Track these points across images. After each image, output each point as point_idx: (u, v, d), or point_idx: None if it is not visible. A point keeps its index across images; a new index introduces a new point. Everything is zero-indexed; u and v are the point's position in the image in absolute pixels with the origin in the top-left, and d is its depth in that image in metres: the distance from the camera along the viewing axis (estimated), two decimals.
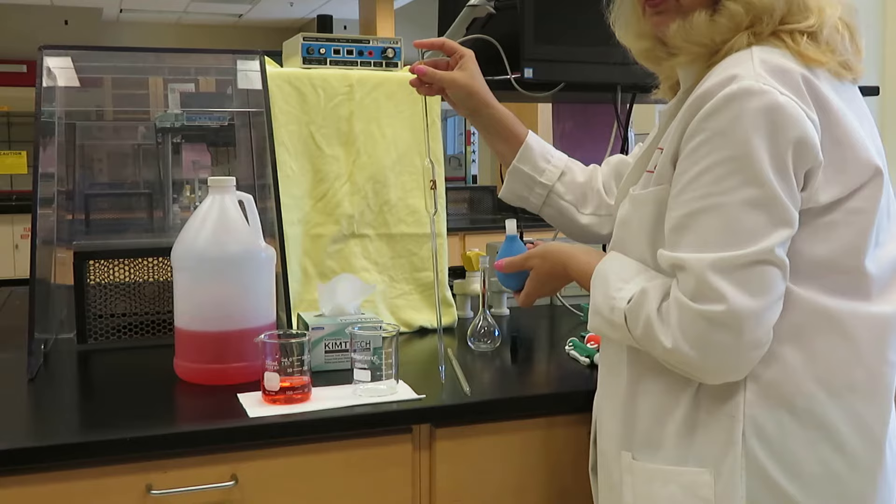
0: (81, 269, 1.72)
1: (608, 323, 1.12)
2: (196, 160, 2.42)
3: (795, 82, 1.01)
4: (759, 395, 1.04)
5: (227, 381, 1.44)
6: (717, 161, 1.00)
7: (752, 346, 1.01)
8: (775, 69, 1.01)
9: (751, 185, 0.99)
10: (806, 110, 1.00)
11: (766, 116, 0.98)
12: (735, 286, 0.98)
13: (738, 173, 0.99)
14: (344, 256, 1.85)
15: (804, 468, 1.04)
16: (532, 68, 1.80)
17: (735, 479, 1.05)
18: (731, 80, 1.00)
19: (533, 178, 1.45)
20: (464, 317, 1.98)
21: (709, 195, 1.00)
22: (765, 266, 0.99)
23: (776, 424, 1.04)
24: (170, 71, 2.07)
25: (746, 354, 1.01)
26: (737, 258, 0.98)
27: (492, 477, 1.40)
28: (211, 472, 1.26)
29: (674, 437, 1.10)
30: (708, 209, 1.01)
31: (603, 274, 1.15)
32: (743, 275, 0.98)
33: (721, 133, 1.00)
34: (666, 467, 1.10)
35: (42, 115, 1.62)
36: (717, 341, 1.00)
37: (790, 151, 0.99)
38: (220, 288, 1.48)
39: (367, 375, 1.37)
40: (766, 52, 1.04)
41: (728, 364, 1.02)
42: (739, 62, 1.03)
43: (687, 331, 1.01)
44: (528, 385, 1.50)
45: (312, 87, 1.81)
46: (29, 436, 1.26)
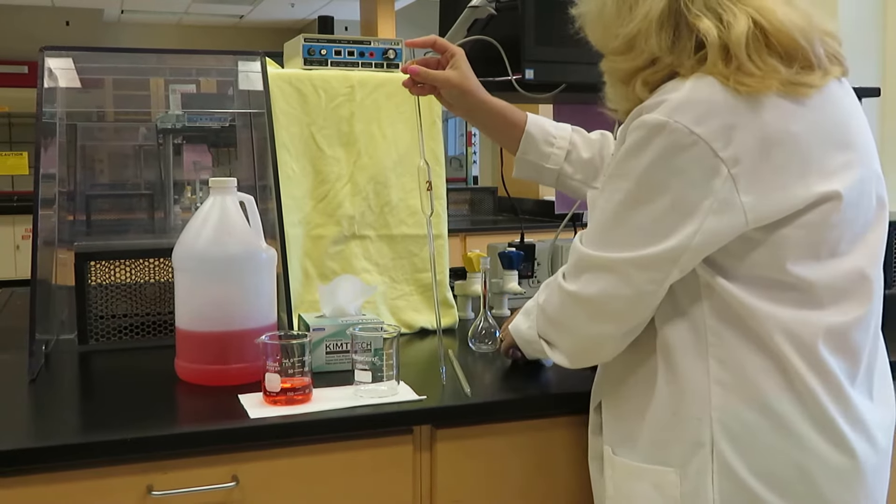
0: (82, 270, 1.72)
1: (526, 313, 1.31)
2: (197, 161, 2.43)
3: (717, 115, 1.01)
4: (724, 398, 1.06)
5: (228, 382, 1.44)
6: (617, 174, 1.08)
7: (589, 329, 1.15)
8: (697, 102, 1.02)
9: (628, 207, 1.07)
10: (717, 148, 1.00)
11: (668, 155, 1.02)
12: (577, 274, 1.13)
13: (624, 192, 1.08)
14: (345, 257, 1.85)
15: (776, 470, 1.05)
16: (533, 69, 1.80)
17: (704, 480, 1.06)
18: (655, 106, 1.04)
19: (540, 165, 1.48)
20: (465, 318, 1.98)
21: (605, 200, 1.11)
22: (603, 272, 1.10)
23: (744, 427, 1.05)
24: (171, 72, 2.07)
25: (580, 335, 1.18)
26: (593, 258, 1.12)
27: (493, 478, 1.40)
28: (212, 472, 1.26)
29: (647, 436, 1.13)
30: (600, 210, 1.12)
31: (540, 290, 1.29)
32: (586, 269, 1.12)
33: (626, 152, 1.07)
34: (640, 464, 1.13)
35: (43, 116, 1.62)
36: (562, 309, 1.18)
37: (680, 189, 1.02)
38: (220, 289, 1.48)
39: (367, 376, 1.37)
40: (698, 82, 1.03)
41: (566, 337, 1.20)
42: (673, 89, 1.05)
43: (550, 297, 1.20)
44: (529, 386, 1.50)
45: (313, 88, 1.81)
46: (30, 436, 1.26)
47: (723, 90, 1.02)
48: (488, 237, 3.99)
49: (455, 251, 2.05)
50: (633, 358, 1.15)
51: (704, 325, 1.07)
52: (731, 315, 1.06)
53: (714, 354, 1.07)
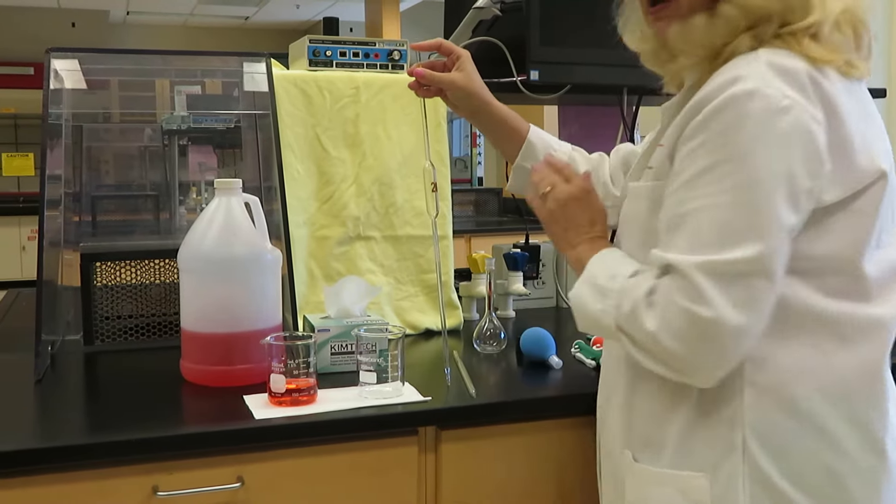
0: (88, 271, 1.73)
1: (600, 291, 1.08)
2: (202, 162, 2.43)
3: (802, 83, 1.00)
4: (757, 400, 1.04)
5: (234, 383, 1.45)
6: (715, 162, 0.99)
7: (728, 356, 1.00)
8: (782, 70, 1.00)
9: (748, 189, 0.97)
10: (812, 112, 0.99)
11: (768, 121, 0.97)
12: (723, 294, 0.96)
13: (735, 175, 0.97)
14: (350, 258, 1.85)
15: (806, 473, 1.04)
16: (538, 70, 1.80)
17: (735, 484, 1.04)
18: (734, 81, 0.99)
19: None
20: (469, 319, 1.98)
21: (705, 196, 0.99)
22: (752, 278, 0.97)
23: (776, 429, 1.03)
24: (176, 73, 2.08)
25: (723, 361, 1.00)
26: (726, 264, 0.96)
27: (497, 479, 1.40)
28: (217, 473, 1.26)
29: (673, 441, 1.09)
30: (702, 210, 0.99)
31: (606, 255, 1.14)
32: (731, 284, 0.96)
33: (722, 134, 0.99)
34: (664, 470, 1.10)
35: (49, 117, 1.63)
36: (699, 343, 0.98)
37: (797, 157, 0.98)
38: (226, 290, 1.48)
39: (372, 377, 1.37)
40: (773, 53, 1.02)
41: (703, 366, 1.00)
42: (745, 63, 1.02)
43: (672, 324, 0.98)
44: (534, 387, 1.50)
45: (318, 90, 1.81)
46: (35, 437, 1.26)
47: (797, 59, 1.01)
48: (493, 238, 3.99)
49: (460, 252, 2.05)
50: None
51: None
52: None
53: (749, 355, 1.03)
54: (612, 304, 1.06)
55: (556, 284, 2.14)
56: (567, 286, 2.12)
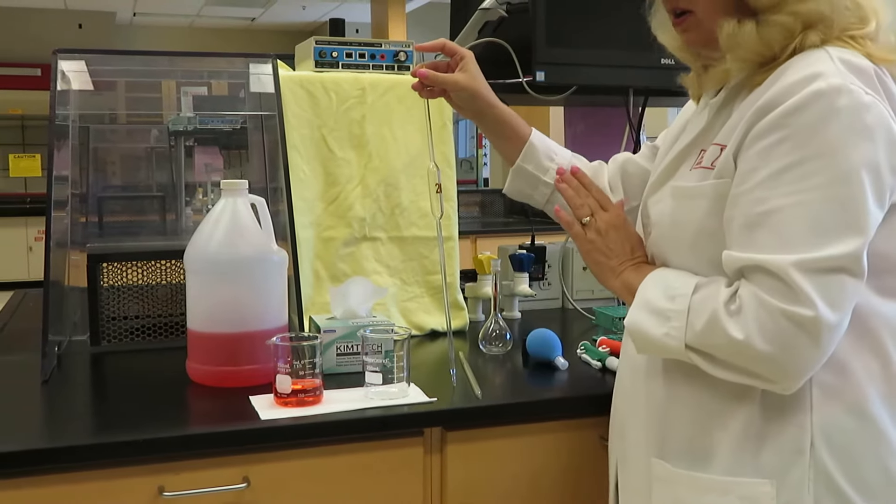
0: (95, 272, 1.73)
1: (660, 315, 1.05)
2: (208, 163, 2.43)
3: (874, 81, 1.00)
4: (824, 402, 1.02)
5: (239, 384, 1.45)
6: (802, 158, 0.96)
7: (822, 357, 0.98)
8: (856, 68, 1.00)
9: (840, 184, 0.95)
10: (888, 108, 0.99)
11: (857, 115, 0.96)
12: (820, 293, 0.94)
13: (826, 171, 0.95)
14: (356, 259, 1.85)
15: (868, 476, 1.02)
16: (544, 71, 1.80)
17: (801, 489, 1.02)
18: (815, 77, 0.98)
19: (537, 177, 1.45)
20: (475, 320, 1.98)
21: (792, 193, 0.96)
22: (845, 275, 0.95)
23: (842, 432, 1.02)
24: (183, 74, 2.08)
25: (815, 363, 0.98)
26: (822, 260, 0.94)
27: (503, 480, 1.40)
28: (223, 474, 1.26)
29: (730, 447, 1.06)
30: (789, 207, 0.96)
31: (659, 275, 1.12)
32: (826, 281, 0.94)
33: (809, 129, 0.97)
34: (722, 478, 1.06)
35: (56, 119, 1.63)
36: (796, 344, 0.95)
37: (882, 152, 0.97)
38: (232, 291, 1.48)
39: (378, 378, 1.37)
40: (841, 51, 1.02)
41: (797, 368, 0.97)
42: (818, 60, 1.01)
43: (766, 327, 0.95)
44: (540, 389, 1.50)
45: (324, 91, 1.81)
46: (42, 437, 1.27)
47: (863, 57, 1.02)
48: (499, 239, 3.99)
49: (466, 253, 2.05)
50: (693, 367, 1.07)
51: None
52: None
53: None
54: (677, 325, 1.04)
55: (562, 285, 2.14)
56: (572, 287, 2.12)
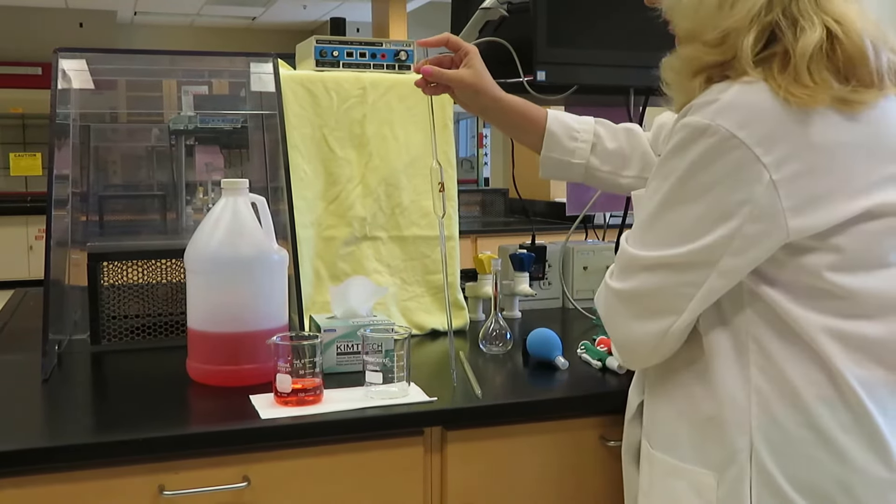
0: (95, 271, 1.73)
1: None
2: (209, 162, 2.43)
3: (762, 120, 0.99)
4: (764, 407, 1.04)
5: (240, 383, 1.45)
6: (659, 178, 1.07)
7: (626, 327, 1.13)
8: (743, 106, 1.00)
9: (671, 205, 1.06)
10: (759, 153, 0.99)
11: (707, 156, 1.01)
12: (626, 274, 1.10)
13: (667, 195, 1.06)
14: (356, 259, 1.85)
15: (813, 480, 1.03)
16: (544, 71, 1.80)
17: (741, 486, 1.05)
18: (689, 109, 1.04)
19: (566, 161, 1.46)
20: (476, 319, 1.98)
21: (646, 203, 1.10)
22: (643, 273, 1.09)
23: (783, 436, 1.04)
24: (183, 73, 2.08)
25: (626, 332, 1.14)
26: (643, 258, 1.09)
27: (503, 480, 1.40)
28: (223, 473, 1.26)
29: (686, 436, 1.12)
30: (642, 214, 1.11)
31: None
32: (637, 271, 1.09)
33: (670, 158, 1.06)
34: (680, 463, 1.12)
35: (57, 118, 1.63)
36: (606, 310, 1.15)
37: (722, 193, 1.01)
38: (232, 290, 1.48)
39: (378, 378, 1.37)
40: (747, 88, 1.02)
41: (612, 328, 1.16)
42: (712, 94, 1.04)
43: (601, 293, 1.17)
44: (540, 388, 1.50)
45: (325, 90, 1.81)
46: (42, 436, 1.27)
47: (772, 98, 1.00)
48: (499, 239, 3.99)
49: (466, 253, 2.05)
50: (677, 362, 1.13)
51: (746, 333, 1.06)
52: (775, 322, 1.04)
53: (755, 362, 1.05)
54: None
55: (563, 285, 2.14)
56: (573, 287, 2.12)
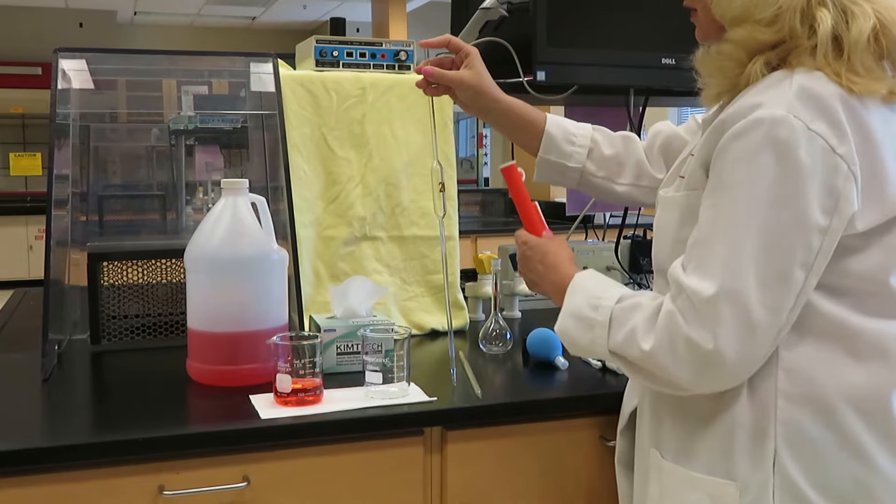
0: (95, 271, 1.73)
1: (585, 323, 1.12)
2: (209, 162, 2.43)
3: (832, 111, 0.99)
4: (790, 411, 1.03)
5: (240, 383, 1.45)
6: (735, 187, 1.00)
7: (733, 378, 1.03)
8: (811, 97, 0.99)
9: (761, 218, 0.98)
10: (834, 144, 0.98)
11: (787, 150, 0.97)
12: (725, 324, 0.98)
13: (751, 203, 0.99)
14: (356, 258, 1.85)
15: (837, 485, 1.03)
16: (544, 71, 1.79)
17: (765, 494, 1.04)
18: (758, 105, 1.00)
19: (562, 164, 1.46)
20: (475, 319, 1.98)
21: (720, 220, 1.01)
22: (758, 310, 0.98)
23: (808, 441, 1.03)
24: (183, 73, 2.08)
25: (729, 382, 1.04)
26: (733, 293, 0.98)
27: (503, 480, 1.40)
28: (223, 473, 1.26)
29: (707, 446, 1.09)
30: (716, 235, 1.01)
31: (582, 282, 1.17)
32: (737, 313, 0.98)
33: (744, 159, 0.99)
34: (697, 475, 1.10)
35: (57, 117, 1.63)
36: (700, 368, 1.01)
37: (808, 188, 0.97)
38: (232, 290, 1.48)
39: (378, 378, 1.37)
40: (809, 77, 1.01)
41: (699, 385, 1.04)
42: (774, 86, 1.02)
43: (671, 345, 1.02)
44: (540, 388, 1.50)
45: (325, 90, 1.81)
46: (42, 436, 1.27)
47: (835, 87, 1.00)
48: (499, 239, 3.99)
49: (466, 253, 2.05)
50: None
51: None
52: (806, 323, 1.03)
53: (783, 366, 1.04)
54: (600, 334, 1.10)
55: None
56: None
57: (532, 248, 1.29)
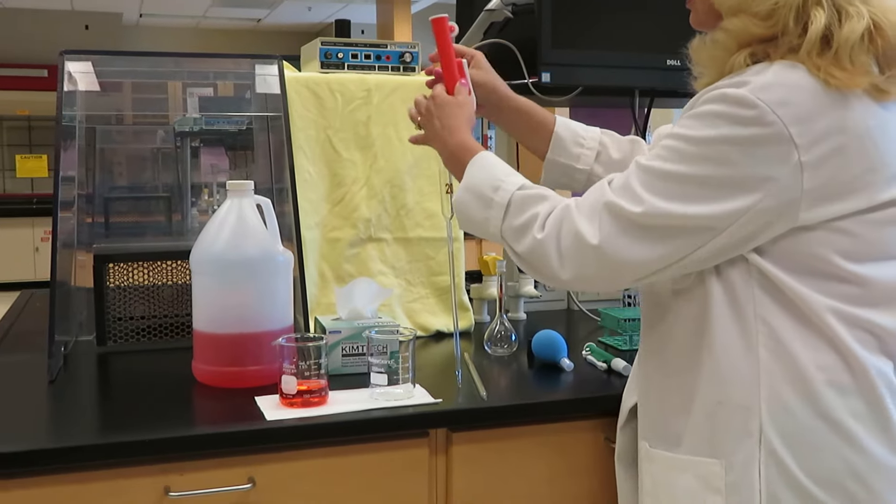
0: (101, 272, 1.74)
1: (482, 201, 1.20)
2: (214, 164, 2.44)
3: (799, 100, 1.00)
4: (774, 388, 1.04)
5: (245, 384, 1.45)
6: (682, 137, 1.05)
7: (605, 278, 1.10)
8: (782, 84, 1.01)
9: (685, 162, 1.04)
10: (794, 134, 0.99)
11: (742, 126, 1.01)
12: (614, 227, 1.07)
13: (687, 152, 1.04)
14: (361, 260, 1.86)
15: (825, 465, 1.03)
16: (549, 72, 1.79)
17: (750, 470, 1.05)
18: (736, 84, 1.03)
19: (570, 166, 1.46)
20: (480, 321, 1.98)
21: (659, 157, 1.07)
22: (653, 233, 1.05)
23: (792, 419, 1.04)
24: (189, 75, 2.08)
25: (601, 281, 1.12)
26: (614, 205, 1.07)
27: (508, 481, 1.40)
28: (228, 474, 1.26)
29: (690, 428, 1.11)
30: (650, 171, 1.07)
31: (486, 160, 1.24)
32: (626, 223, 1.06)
33: (700, 118, 1.04)
34: (682, 456, 1.12)
35: (63, 119, 1.64)
36: (579, 260, 1.10)
37: (750, 163, 1.01)
38: (238, 291, 1.48)
39: (383, 379, 1.37)
40: (786, 67, 1.03)
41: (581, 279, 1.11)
42: (751, 72, 1.04)
43: (562, 232, 1.11)
44: (545, 390, 1.50)
45: (330, 92, 1.82)
46: (48, 437, 1.27)
47: (811, 80, 1.02)
48: None
49: (471, 254, 2.05)
50: (678, 350, 1.13)
51: (754, 315, 1.06)
52: (783, 302, 1.05)
53: (764, 343, 1.05)
54: (492, 216, 1.18)
55: None
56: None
57: (438, 105, 1.35)
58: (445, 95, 1.36)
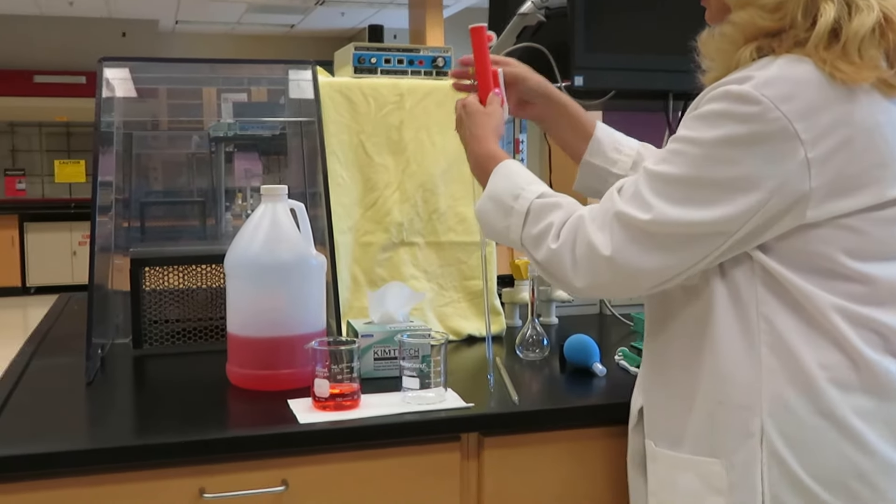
0: (137, 276, 1.76)
1: (503, 209, 1.21)
2: (248, 169, 2.45)
3: (804, 95, 0.99)
4: (775, 388, 1.04)
5: (278, 387, 1.46)
6: (686, 140, 1.05)
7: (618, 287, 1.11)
8: (787, 79, 1.00)
9: (692, 166, 1.03)
10: (799, 130, 0.98)
11: (746, 123, 1.00)
12: (626, 237, 1.07)
13: (691, 154, 1.04)
14: (393, 264, 1.86)
15: (827, 465, 1.02)
16: (582, 76, 1.79)
17: (752, 470, 1.05)
18: (739, 80, 1.02)
19: (606, 170, 1.45)
20: (512, 325, 1.97)
21: (665, 162, 1.06)
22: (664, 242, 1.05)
23: (794, 418, 1.03)
24: (223, 81, 2.10)
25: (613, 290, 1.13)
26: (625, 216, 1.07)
27: (540, 486, 1.40)
28: (262, 476, 1.27)
29: (693, 428, 1.11)
30: (657, 176, 1.07)
31: (510, 169, 1.24)
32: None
33: (704, 118, 1.04)
34: (685, 456, 1.12)
35: (101, 125, 1.66)
36: (591, 270, 1.10)
37: (755, 161, 1.00)
38: (271, 295, 1.49)
39: (415, 383, 1.37)
40: (791, 60, 1.02)
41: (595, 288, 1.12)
42: (755, 67, 1.04)
43: (577, 243, 1.11)
44: (577, 395, 1.49)
45: (363, 96, 1.82)
46: (86, 438, 1.29)
47: (817, 73, 1.01)
48: None
49: (503, 259, 2.05)
50: (680, 349, 1.13)
51: (757, 313, 1.05)
52: (786, 299, 1.04)
53: (766, 342, 1.04)
54: (511, 223, 1.20)
55: None
56: None
57: (468, 114, 1.36)
58: (476, 104, 1.37)
